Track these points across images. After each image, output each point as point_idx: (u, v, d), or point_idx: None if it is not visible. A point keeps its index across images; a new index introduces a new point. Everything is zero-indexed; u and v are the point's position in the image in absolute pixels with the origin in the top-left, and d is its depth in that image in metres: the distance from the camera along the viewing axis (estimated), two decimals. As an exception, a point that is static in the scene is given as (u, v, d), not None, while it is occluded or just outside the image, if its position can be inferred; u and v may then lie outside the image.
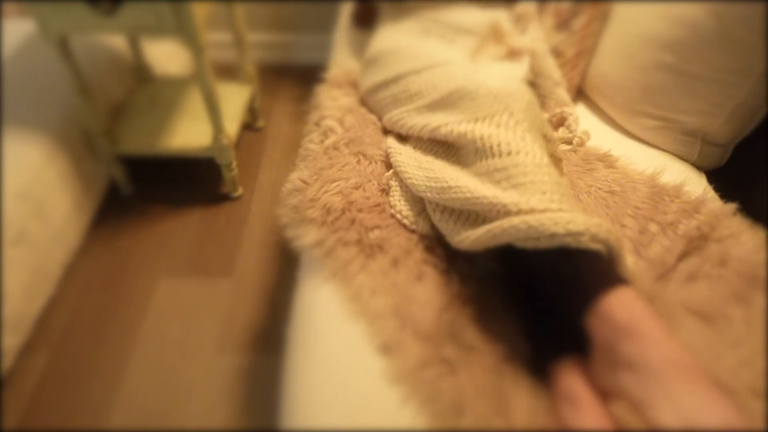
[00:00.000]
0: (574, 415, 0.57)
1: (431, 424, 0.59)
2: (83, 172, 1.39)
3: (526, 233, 0.63)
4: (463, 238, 0.72)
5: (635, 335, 0.55)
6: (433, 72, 0.96)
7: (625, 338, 0.56)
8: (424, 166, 0.84)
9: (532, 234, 0.63)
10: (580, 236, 0.61)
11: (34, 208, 1.20)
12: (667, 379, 0.52)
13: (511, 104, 0.80)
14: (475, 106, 0.83)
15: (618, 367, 0.56)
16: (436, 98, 0.91)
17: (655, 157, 1.01)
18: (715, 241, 0.78)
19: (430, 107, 0.92)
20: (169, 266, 1.37)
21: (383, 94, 1.04)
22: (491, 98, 0.82)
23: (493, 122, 0.78)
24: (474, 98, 0.84)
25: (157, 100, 1.60)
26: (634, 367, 0.54)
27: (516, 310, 0.73)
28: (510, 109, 0.79)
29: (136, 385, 1.13)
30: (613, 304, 0.58)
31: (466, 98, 0.85)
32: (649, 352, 0.54)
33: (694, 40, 0.92)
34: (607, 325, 0.58)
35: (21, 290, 1.14)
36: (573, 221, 0.62)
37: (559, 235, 0.61)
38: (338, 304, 0.73)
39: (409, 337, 0.67)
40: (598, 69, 1.11)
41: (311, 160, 0.93)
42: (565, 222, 0.61)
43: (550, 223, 0.62)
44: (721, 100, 0.94)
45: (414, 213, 0.82)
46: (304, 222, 0.82)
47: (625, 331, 0.56)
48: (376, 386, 0.64)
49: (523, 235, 0.63)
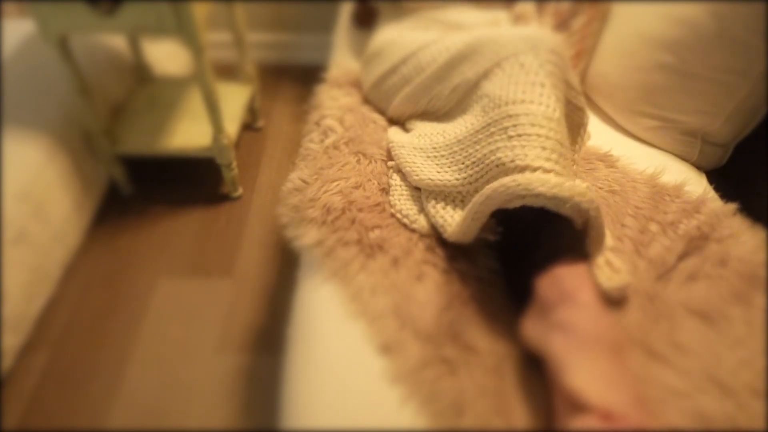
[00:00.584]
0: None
1: (431, 424, 0.59)
2: (83, 172, 1.39)
3: (514, 191, 0.65)
4: (455, 222, 0.74)
5: (574, 302, 0.60)
6: (445, 38, 0.95)
7: (565, 302, 0.60)
8: (432, 154, 0.84)
9: (520, 192, 0.64)
10: (563, 203, 0.63)
11: (34, 208, 1.20)
12: (586, 348, 0.56)
13: (537, 44, 0.78)
14: (498, 48, 0.82)
15: (551, 327, 0.60)
16: (453, 54, 0.89)
17: (655, 157, 1.01)
18: (715, 241, 0.78)
19: (446, 65, 0.90)
20: (169, 266, 1.37)
21: (392, 80, 1.03)
22: (517, 38, 0.81)
23: (517, 61, 0.78)
24: (496, 41, 0.83)
25: (157, 100, 1.60)
26: (564, 330, 0.58)
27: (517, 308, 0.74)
28: (536, 50, 0.78)
29: (136, 385, 1.13)
30: (567, 270, 0.63)
31: (488, 44, 0.84)
32: (580, 321, 0.58)
33: (694, 40, 0.92)
34: (555, 286, 0.62)
35: (21, 290, 1.14)
36: (559, 186, 0.63)
37: (544, 196, 0.63)
38: (338, 304, 0.73)
39: (409, 337, 0.67)
40: (598, 69, 1.11)
41: (311, 160, 0.93)
42: (551, 185, 0.63)
43: (538, 183, 0.63)
44: (720, 100, 0.94)
45: (414, 212, 0.82)
46: (304, 222, 0.82)
47: (567, 296, 0.60)
48: (376, 386, 0.64)
49: (511, 193, 0.65)
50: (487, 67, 0.82)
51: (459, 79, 0.87)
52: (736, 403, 0.60)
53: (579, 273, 0.63)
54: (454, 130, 0.85)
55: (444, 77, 0.91)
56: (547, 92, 0.74)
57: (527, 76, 0.75)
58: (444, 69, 0.91)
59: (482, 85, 0.81)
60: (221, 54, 1.98)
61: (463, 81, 0.86)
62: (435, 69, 0.93)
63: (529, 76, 0.75)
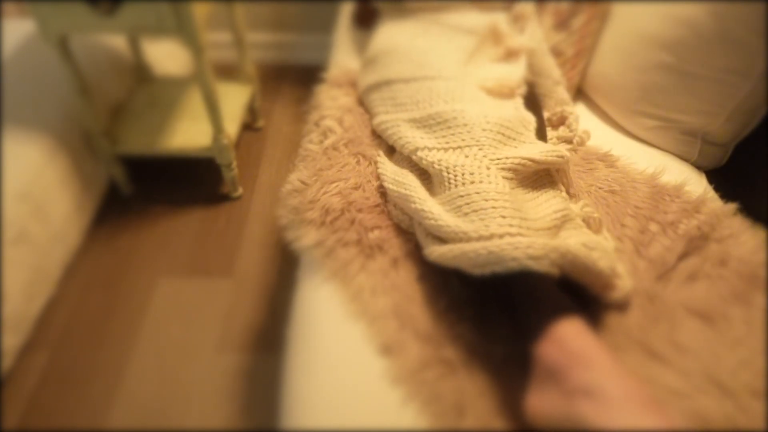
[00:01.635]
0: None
1: (432, 424, 0.59)
2: (83, 172, 1.39)
3: (486, 258, 0.64)
4: (431, 251, 0.73)
5: (590, 363, 0.56)
6: (420, 86, 0.97)
7: (579, 365, 0.56)
8: (399, 179, 0.85)
9: (492, 259, 0.64)
10: (540, 260, 0.62)
11: (34, 208, 1.20)
12: (626, 409, 0.52)
13: (482, 139, 0.81)
14: (449, 134, 0.85)
15: (573, 394, 0.56)
16: (415, 116, 0.92)
17: (655, 156, 1.01)
18: (715, 240, 0.78)
19: (411, 122, 0.93)
20: (169, 266, 1.37)
21: (375, 95, 1.04)
22: (465, 131, 0.84)
23: (462, 153, 0.80)
24: (449, 126, 0.86)
25: (157, 100, 1.60)
26: (591, 395, 0.54)
27: None
28: (480, 144, 0.81)
29: (136, 385, 1.13)
30: (567, 330, 0.59)
31: (442, 125, 0.87)
32: (605, 381, 0.54)
33: (693, 40, 0.92)
34: (561, 350, 0.58)
35: (21, 290, 1.14)
36: (532, 245, 0.63)
37: (519, 259, 0.62)
38: (338, 304, 0.73)
39: (409, 338, 0.67)
40: (598, 69, 1.11)
41: (311, 161, 0.93)
42: (524, 246, 0.63)
43: (510, 248, 0.63)
44: (720, 100, 0.94)
45: (408, 218, 0.82)
46: (303, 223, 0.82)
47: (579, 359, 0.57)
48: (377, 387, 0.64)
49: (482, 261, 0.64)
50: (437, 147, 0.84)
51: (419, 145, 0.88)
52: (736, 403, 0.60)
53: (577, 330, 0.60)
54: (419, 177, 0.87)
55: (409, 130, 0.92)
56: (493, 172, 0.75)
57: (473, 163, 0.77)
58: (411, 122, 0.93)
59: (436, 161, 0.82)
60: (221, 54, 1.98)
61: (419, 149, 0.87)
62: (402, 118, 0.94)
63: (474, 162, 0.77)
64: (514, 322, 0.69)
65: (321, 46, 2.02)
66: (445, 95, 0.92)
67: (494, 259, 0.63)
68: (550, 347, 0.59)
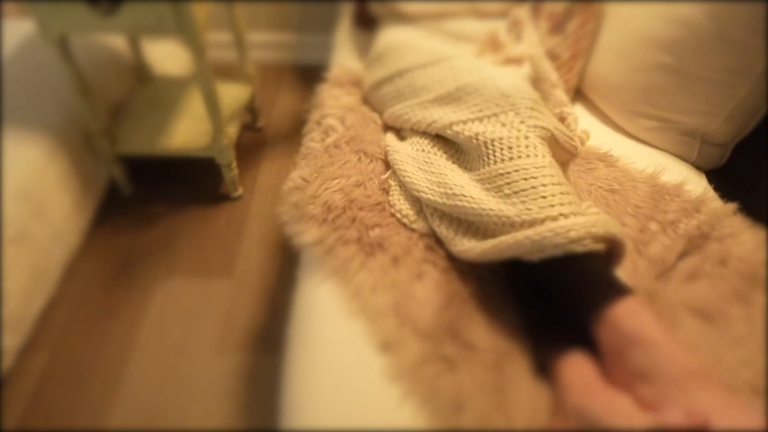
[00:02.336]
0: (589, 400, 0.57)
1: (431, 421, 0.59)
2: (83, 172, 1.39)
3: (530, 247, 0.64)
4: (467, 249, 0.73)
5: (645, 344, 0.56)
6: (440, 66, 0.96)
7: (634, 347, 0.56)
8: (424, 168, 0.84)
9: (536, 248, 0.64)
10: (582, 241, 0.62)
11: (34, 208, 1.20)
12: (685, 386, 0.52)
13: (517, 103, 0.80)
14: (481, 102, 0.83)
15: (632, 377, 0.56)
16: (442, 93, 0.91)
17: (655, 157, 1.01)
18: (715, 240, 0.78)
19: (436, 102, 0.91)
20: (169, 266, 1.37)
21: (387, 89, 1.03)
22: (498, 95, 0.82)
23: (498, 121, 0.79)
24: (481, 94, 0.84)
25: (157, 100, 1.60)
26: (648, 377, 0.55)
27: (518, 306, 0.73)
28: (516, 108, 0.80)
29: (136, 385, 1.13)
30: (621, 312, 0.59)
31: (473, 94, 0.85)
32: (661, 361, 0.55)
33: (692, 40, 0.92)
34: (616, 333, 0.58)
35: (21, 290, 1.14)
36: (573, 228, 0.63)
37: (563, 244, 0.62)
38: (338, 302, 0.73)
39: (408, 335, 0.67)
40: (597, 69, 1.11)
41: (312, 159, 0.93)
42: (565, 231, 0.63)
43: (551, 234, 0.63)
44: (719, 101, 0.94)
45: (414, 212, 0.82)
46: (304, 218, 0.82)
47: (634, 341, 0.57)
48: (376, 383, 0.64)
49: (527, 250, 0.65)
50: (470, 118, 0.83)
51: (449, 120, 0.87)
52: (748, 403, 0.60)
53: (631, 311, 0.59)
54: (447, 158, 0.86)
55: (436, 108, 0.91)
56: (532, 142, 0.75)
57: (510, 132, 0.77)
58: (435, 102, 0.92)
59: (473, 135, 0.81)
60: (221, 54, 1.98)
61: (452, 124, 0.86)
62: (425, 100, 0.93)
63: (512, 132, 0.77)
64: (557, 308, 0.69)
65: (321, 46, 2.02)
66: (470, 69, 0.91)
67: (538, 248, 0.64)
68: (604, 331, 0.60)
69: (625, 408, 0.54)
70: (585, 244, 0.63)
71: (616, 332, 0.59)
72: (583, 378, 0.60)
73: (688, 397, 0.52)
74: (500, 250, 0.68)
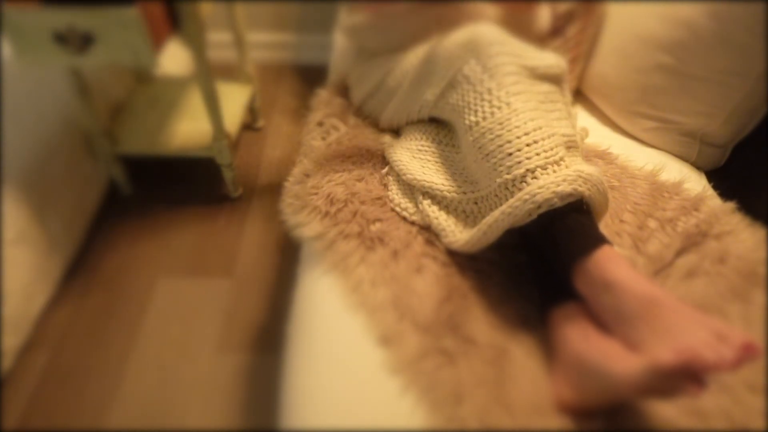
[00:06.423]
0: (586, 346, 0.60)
1: (430, 413, 0.60)
2: (83, 172, 1.39)
3: (508, 221, 0.67)
4: (457, 239, 0.74)
5: (612, 287, 0.59)
6: (407, 57, 0.97)
7: (605, 292, 0.60)
8: (418, 156, 0.85)
9: (514, 219, 0.66)
10: (550, 201, 0.65)
11: (34, 208, 1.20)
12: (646, 317, 0.56)
13: (476, 47, 0.78)
14: (447, 63, 0.82)
15: (606, 320, 0.60)
16: (417, 69, 0.90)
17: (654, 156, 1.01)
18: (714, 238, 0.78)
19: (415, 83, 0.91)
20: (169, 266, 1.37)
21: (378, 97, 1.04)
22: (459, 48, 0.81)
23: (463, 75, 0.78)
24: (445, 54, 0.83)
25: (157, 100, 1.60)
26: (617, 316, 0.58)
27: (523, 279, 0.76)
28: (476, 53, 0.78)
29: (136, 385, 1.13)
30: (592, 262, 0.62)
31: (438, 59, 0.85)
32: (625, 299, 0.58)
33: (692, 41, 0.92)
34: (590, 282, 0.62)
35: (21, 290, 1.14)
36: (538, 192, 0.65)
37: (533, 209, 0.65)
38: (338, 295, 0.73)
39: (408, 329, 0.67)
40: (597, 70, 1.11)
41: (314, 156, 0.93)
42: (532, 196, 0.65)
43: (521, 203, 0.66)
44: (719, 102, 0.94)
45: (412, 205, 0.83)
46: (306, 209, 0.82)
47: (604, 286, 0.60)
48: (376, 376, 0.64)
49: (507, 223, 0.67)
50: (442, 86, 0.83)
51: (426, 96, 0.87)
52: (733, 398, 0.60)
53: (599, 260, 0.62)
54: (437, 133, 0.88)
55: (416, 91, 0.91)
56: (496, 95, 0.74)
57: (475, 88, 0.76)
58: (413, 85, 0.92)
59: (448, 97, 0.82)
60: (221, 54, 1.98)
61: (426, 100, 0.87)
62: (407, 85, 0.93)
63: (476, 87, 0.76)
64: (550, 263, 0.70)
65: (321, 46, 2.03)
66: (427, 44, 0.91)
67: (515, 219, 0.66)
68: (580, 281, 0.63)
69: (618, 352, 0.57)
70: (553, 204, 0.65)
71: (590, 280, 0.62)
72: (579, 327, 0.63)
73: (650, 325, 0.55)
74: (485, 233, 0.70)
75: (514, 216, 0.66)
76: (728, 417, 0.58)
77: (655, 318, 0.55)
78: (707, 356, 0.48)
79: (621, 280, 0.59)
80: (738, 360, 0.48)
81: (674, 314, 0.55)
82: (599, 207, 0.70)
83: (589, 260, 0.62)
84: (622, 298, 0.58)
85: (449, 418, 0.59)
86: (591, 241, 0.64)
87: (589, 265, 0.62)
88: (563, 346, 0.63)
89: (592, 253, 0.62)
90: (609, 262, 0.62)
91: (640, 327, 0.56)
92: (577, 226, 0.66)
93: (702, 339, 0.51)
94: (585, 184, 0.66)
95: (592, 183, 0.67)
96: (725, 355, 0.48)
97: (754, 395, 0.60)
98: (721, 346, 0.49)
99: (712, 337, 0.51)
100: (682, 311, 0.55)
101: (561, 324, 0.65)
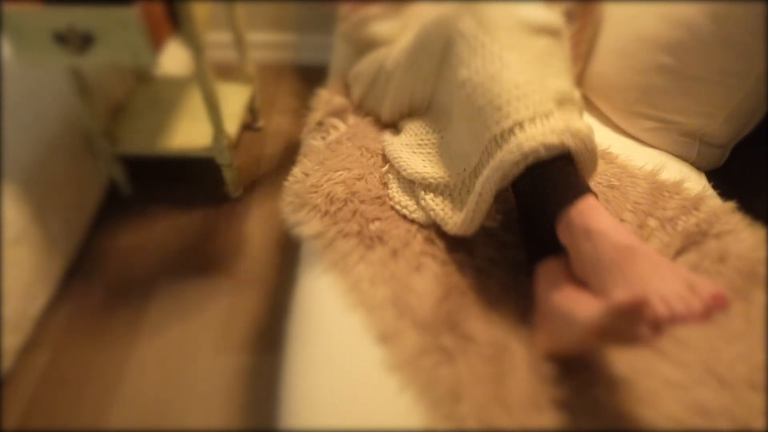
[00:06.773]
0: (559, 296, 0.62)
1: (429, 410, 0.60)
2: (83, 172, 1.39)
3: (499, 175, 0.67)
4: (453, 223, 0.75)
5: (591, 235, 0.60)
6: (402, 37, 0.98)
7: (585, 240, 0.61)
8: (418, 151, 0.85)
9: (503, 172, 0.67)
10: (537, 152, 0.65)
11: (34, 208, 1.20)
12: (620, 264, 0.57)
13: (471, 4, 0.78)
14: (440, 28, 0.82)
15: (584, 267, 0.62)
16: (409, 51, 0.90)
17: (654, 156, 1.01)
18: (714, 237, 0.79)
19: (412, 56, 0.91)
20: (169, 266, 1.37)
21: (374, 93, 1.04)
22: (454, 8, 0.81)
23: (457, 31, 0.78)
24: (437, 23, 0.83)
25: (157, 100, 1.60)
26: (594, 264, 0.59)
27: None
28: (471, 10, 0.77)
29: (136, 385, 1.13)
30: (574, 211, 0.63)
31: (430, 28, 0.85)
32: (602, 248, 0.59)
33: (692, 41, 0.92)
34: (572, 231, 0.63)
35: (21, 290, 1.14)
36: (525, 142, 0.65)
37: (519, 161, 0.66)
38: (338, 294, 0.74)
39: (407, 327, 0.67)
40: (597, 70, 1.11)
41: (313, 155, 0.93)
42: (518, 148, 0.65)
43: (508, 154, 0.66)
44: (719, 102, 0.95)
45: (412, 203, 0.83)
46: (306, 207, 0.82)
47: (584, 234, 0.61)
48: (375, 374, 0.64)
49: (498, 177, 0.67)
50: (438, 57, 0.82)
51: (423, 73, 0.87)
52: (734, 395, 0.60)
53: (580, 209, 0.63)
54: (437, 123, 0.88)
55: (415, 64, 0.91)
56: (489, 49, 0.73)
57: (469, 43, 0.75)
58: (411, 59, 0.91)
59: (443, 73, 0.82)
60: (221, 54, 1.98)
61: (424, 75, 0.87)
62: (404, 61, 0.93)
63: (470, 42, 0.75)
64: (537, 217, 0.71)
65: (321, 46, 2.03)
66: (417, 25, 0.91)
67: (504, 173, 0.67)
68: (562, 231, 0.64)
69: (587, 300, 0.59)
70: (539, 155, 0.65)
71: (572, 229, 0.63)
72: (554, 278, 0.64)
73: (624, 273, 0.56)
74: (480, 195, 0.70)
75: (503, 170, 0.66)
76: (729, 413, 0.58)
77: (630, 266, 0.56)
78: (676, 306, 0.49)
79: (602, 229, 0.60)
80: (706, 311, 0.49)
81: (649, 263, 0.56)
82: (587, 163, 0.70)
83: (573, 209, 0.63)
84: (600, 246, 0.59)
85: (448, 416, 0.59)
86: (575, 191, 0.65)
87: (572, 213, 0.63)
88: (541, 298, 0.65)
89: (576, 203, 0.63)
90: (591, 210, 0.62)
91: (615, 274, 0.57)
92: (561, 179, 0.67)
93: (674, 289, 0.51)
94: (573, 138, 0.66)
95: (580, 138, 0.66)
96: (694, 306, 0.49)
97: (754, 392, 0.60)
98: (691, 297, 0.50)
99: (684, 287, 0.51)
100: (658, 261, 0.56)
101: (541, 278, 0.67)
